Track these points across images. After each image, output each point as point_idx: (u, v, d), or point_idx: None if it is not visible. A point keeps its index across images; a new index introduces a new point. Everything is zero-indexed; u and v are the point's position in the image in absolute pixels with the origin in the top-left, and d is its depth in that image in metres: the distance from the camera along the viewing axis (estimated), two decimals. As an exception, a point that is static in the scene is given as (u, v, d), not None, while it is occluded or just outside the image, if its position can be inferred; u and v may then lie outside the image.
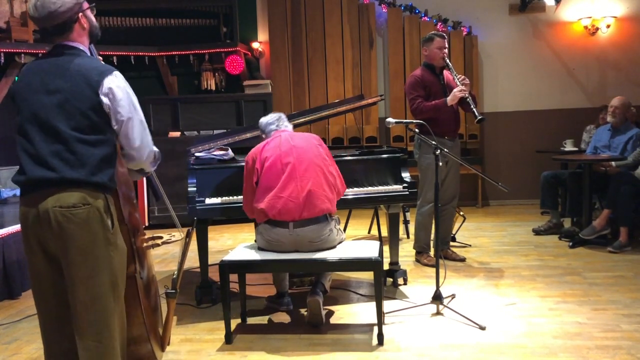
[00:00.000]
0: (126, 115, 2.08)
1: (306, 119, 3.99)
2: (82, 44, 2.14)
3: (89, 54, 2.17)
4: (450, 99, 4.24)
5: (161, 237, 2.50)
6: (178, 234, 2.50)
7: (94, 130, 2.03)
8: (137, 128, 2.12)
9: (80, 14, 2.11)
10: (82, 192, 1.99)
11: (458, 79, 4.26)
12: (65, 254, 1.99)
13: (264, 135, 3.36)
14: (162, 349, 2.50)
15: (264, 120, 3.39)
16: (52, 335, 2.11)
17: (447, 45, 4.37)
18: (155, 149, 2.25)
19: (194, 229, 2.68)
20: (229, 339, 3.05)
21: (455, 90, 4.24)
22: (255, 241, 3.29)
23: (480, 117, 4.16)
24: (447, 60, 4.32)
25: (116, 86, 2.05)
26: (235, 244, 5.38)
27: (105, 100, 2.03)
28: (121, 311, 2.12)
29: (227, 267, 3.06)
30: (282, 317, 3.43)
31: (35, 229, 2.00)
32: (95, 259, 2.01)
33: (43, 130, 2.00)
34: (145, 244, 2.42)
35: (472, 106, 4.21)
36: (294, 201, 3.00)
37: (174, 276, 2.45)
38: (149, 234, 2.52)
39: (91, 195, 2.00)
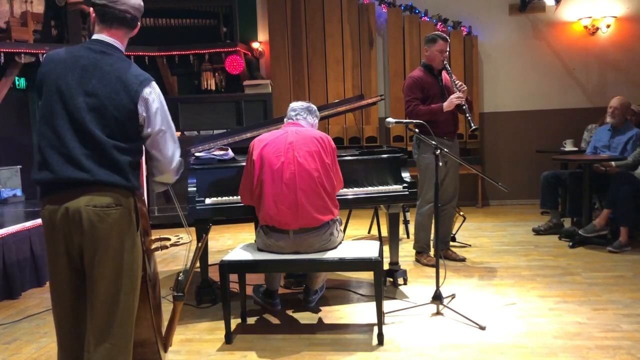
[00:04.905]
0: (159, 128, 2.09)
1: (306, 118, 3.99)
2: (124, 47, 2.13)
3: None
4: (447, 105, 4.23)
5: (169, 239, 2.49)
6: (186, 236, 2.49)
7: (127, 137, 2.03)
8: (169, 140, 2.14)
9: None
10: (115, 193, 2.00)
11: (456, 85, 4.25)
12: (94, 253, 1.98)
13: (285, 119, 3.32)
14: (165, 350, 2.50)
15: (292, 104, 3.31)
16: (67, 335, 2.09)
17: (448, 49, 4.36)
18: (180, 159, 2.27)
19: (207, 234, 2.67)
20: (229, 339, 3.05)
21: (452, 96, 4.23)
22: (255, 242, 3.29)
23: (474, 127, 4.15)
24: (447, 64, 4.32)
25: (153, 98, 2.06)
26: (235, 244, 5.37)
27: (142, 111, 2.03)
28: (135, 313, 2.12)
29: (227, 267, 3.06)
30: (282, 317, 3.43)
31: (63, 227, 1.98)
32: (122, 259, 2.02)
33: (76, 131, 1.97)
34: (152, 246, 2.42)
35: (467, 115, 4.21)
36: (294, 215, 2.98)
37: (180, 278, 2.43)
38: (154, 234, 2.52)
39: (123, 196, 2.02)
